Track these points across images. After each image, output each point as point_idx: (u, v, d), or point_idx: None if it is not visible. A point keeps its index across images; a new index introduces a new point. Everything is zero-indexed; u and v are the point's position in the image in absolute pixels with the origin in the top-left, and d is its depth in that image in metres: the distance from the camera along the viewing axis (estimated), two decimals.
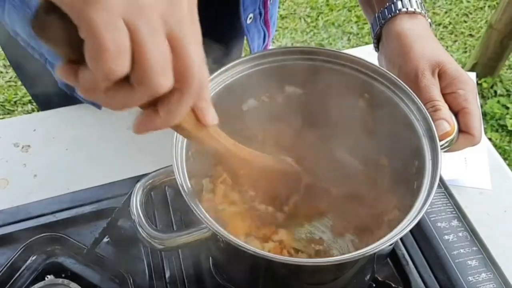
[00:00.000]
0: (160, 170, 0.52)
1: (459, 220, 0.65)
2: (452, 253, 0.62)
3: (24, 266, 0.62)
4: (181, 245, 0.48)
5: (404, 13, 0.63)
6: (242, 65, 0.56)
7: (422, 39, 0.61)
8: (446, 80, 0.58)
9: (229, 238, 0.44)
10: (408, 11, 0.63)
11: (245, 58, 0.56)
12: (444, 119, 0.54)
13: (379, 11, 0.66)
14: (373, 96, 0.57)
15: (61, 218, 0.66)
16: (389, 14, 0.64)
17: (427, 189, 0.48)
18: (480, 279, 0.60)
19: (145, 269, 0.62)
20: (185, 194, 0.46)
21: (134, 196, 0.50)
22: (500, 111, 2.00)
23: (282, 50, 0.57)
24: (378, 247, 0.44)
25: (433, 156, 0.50)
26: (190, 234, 0.48)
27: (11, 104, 2.02)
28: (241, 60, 0.56)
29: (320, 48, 0.58)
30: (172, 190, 0.68)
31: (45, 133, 0.81)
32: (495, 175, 0.76)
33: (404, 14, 0.63)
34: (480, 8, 2.45)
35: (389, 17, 0.64)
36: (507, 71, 2.17)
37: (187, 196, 0.46)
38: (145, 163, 0.72)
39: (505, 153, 1.88)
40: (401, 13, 0.63)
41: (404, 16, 0.63)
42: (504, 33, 1.90)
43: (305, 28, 2.35)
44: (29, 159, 0.77)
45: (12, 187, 0.73)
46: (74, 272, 0.62)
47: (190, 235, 0.48)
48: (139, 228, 0.48)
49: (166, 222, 0.66)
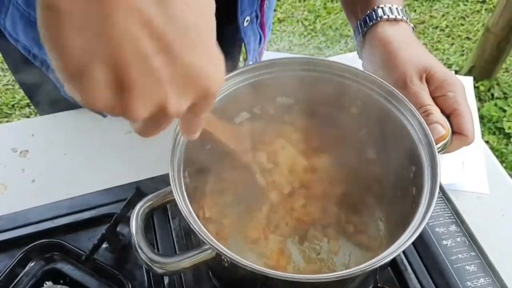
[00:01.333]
0: (158, 192, 0.50)
1: (457, 225, 0.65)
2: (451, 258, 0.62)
3: (23, 273, 0.62)
4: (184, 268, 0.46)
5: (385, 20, 0.63)
6: (232, 79, 0.56)
7: (407, 45, 0.61)
8: (435, 84, 0.58)
9: (236, 260, 0.43)
10: (389, 18, 0.63)
11: (234, 72, 0.56)
12: (438, 122, 0.55)
13: (361, 18, 0.66)
14: (365, 103, 0.57)
15: (59, 224, 0.66)
16: (370, 22, 0.64)
17: (428, 197, 0.47)
18: (479, 284, 0.60)
19: (144, 276, 0.61)
20: (186, 216, 0.45)
21: (134, 218, 0.48)
22: (497, 114, 2.01)
23: (271, 62, 0.57)
24: (380, 261, 0.44)
25: (431, 161, 0.50)
26: (193, 257, 0.46)
27: (8, 108, 2.01)
28: (231, 74, 0.56)
29: (311, 58, 0.58)
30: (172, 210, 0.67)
31: (44, 138, 0.80)
32: (493, 179, 0.76)
33: (385, 22, 0.63)
34: (477, 11, 2.46)
35: (370, 24, 0.64)
36: (504, 74, 2.18)
37: (189, 219, 0.45)
38: (144, 169, 0.73)
39: (502, 156, 1.89)
40: (382, 20, 0.63)
41: (385, 24, 0.63)
42: (501, 36, 1.90)
43: (302, 31, 2.36)
44: (28, 164, 0.77)
45: (10, 193, 0.73)
46: (72, 279, 0.62)
47: (193, 257, 0.46)
48: (139, 251, 0.46)
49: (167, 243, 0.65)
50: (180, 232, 0.65)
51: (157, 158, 0.74)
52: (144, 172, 0.72)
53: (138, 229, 0.47)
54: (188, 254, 0.46)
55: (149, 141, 0.78)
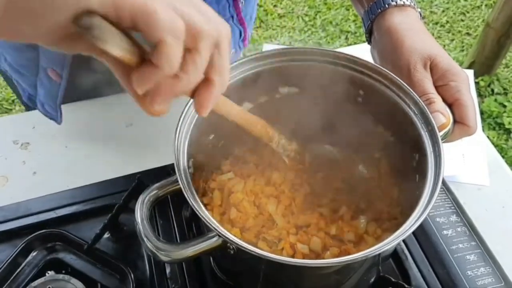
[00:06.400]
0: (163, 181, 0.50)
1: (458, 215, 0.66)
2: (451, 248, 0.62)
3: (25, 262, 0.62)
4: (190, 256, 0.46)
5: (393, 6, 0.63)
6: (234, 70, 0.56)
7: (413, 33, 0.62)
8: (438, 73, 0.59)
9: (243, 246, 0.43)
10: (397, 4, 0.63)
11: (237, 63, 0.56)
12: (439, 111, 0.55)
13: (368, 6, 0.66)
14: (368, 92, 0.58)
15: (61, 214, 0.66)
16: (378, 9, 0.64)
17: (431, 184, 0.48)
18: (479, 273, 0.60)
19: (146, 265, 0.62)
20: (193, 204, 0.45)
21: (138, 207, 0.48)
22: (497, 110, 2.01)
23: (274, 52, 0.57)
24: (383, 247, 0.44)
25: (434, 148, 0.50)
26: (199, 245, 0.46)
27: (8, 103, 2.01)
28: (234, 64, 0.56)
29: (313, 47, 0.59)
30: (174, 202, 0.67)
31: (45, 131, 0.81)
32: (493, 171, 0.77)
33: (393, 8, 0.63)
34: (477, 7, 2.46)
35: (379, 11, 0.64)
36: (504, 70, 2.18)
37: (196, 207, 0.45)
38: (145, 161, 0.73)
39: (502, 151, 1.89)
40: (390, 7, 0.63)
41: (394, 10, 0.63)
42: (501, 32, 1.90)
43: (303, 27, 2.36)
44: (29, 157, 0.77)
45: (12, 185, 0.73)
46: (74, 268, 0.62)
47: (199, 245, 0.46)
48: (144, 239, 0.46)
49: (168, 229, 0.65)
50: (182, 223, 0.65)
51: (158, 150, 0.74)
52: (145, 164, 0.72)
53: (143, 217, 0.47)
54: (193, 242, 0.46)
55: (150, 133, 0.79)
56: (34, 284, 0.58)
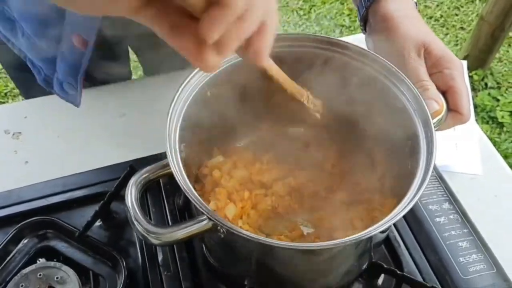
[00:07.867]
0: (154, 164, 0.50)
1: (450, 203, 0.66)
2: (443, 235, 0.62)
3: (16, 250, 0.61)
4: (180, 239, 0.46)
5: None
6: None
7: (408, 20, 0.61)
8: (432, 60, 0.58)
9: (233, 228, 0.43)
10: None
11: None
12: (433, 98, 0.55)
13: None
14: (362, 78, 0.57)
15: (53, 202, 0.66)
16: None
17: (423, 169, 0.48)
18: (471, 260, 0.60)
19: (138, 252, 0.62)
20: (183, 187, 0.45)
21: (129, 190, 0.48)
22: (490, 104, 2.02)
23: None
24: (374, 230, 0.44)
25: (426, 134, 0.50)
26: (189, 227, 0.46)
27: (1, 96, 2.00)
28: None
29: (308, 34, 0.58)
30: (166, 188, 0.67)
31: (36, 120, 0.80)
32: (486, 160, 0.77)
33: None
34: (472, 1, 2.46)
35: None
36: (498, 64, 2.19)
37: (186, 189, 0.45)
38: (137, 149, 0.73)
39: (495, 145, 1.90)
40: None
41: None
42: (495, 25, 1.91)
43: (297, 21, 2.35)
44: (20, 146, 0.77)
45: (3, 174, 0.73)
46: (66, 256, 0.62)
47: (189, 228, 0.45)
48: (134, 222, 0.46)
49: (160, 216, 0.65)
50: (174, 209, 0.65)
51: (150, 140, 0.73)
52: (137, 152, 0.72)
53: (134, 200, 0.47)
54: (183, 225, 0.46)
55: (141, 121, 0.78)
56: (25, 271, 0.58)
